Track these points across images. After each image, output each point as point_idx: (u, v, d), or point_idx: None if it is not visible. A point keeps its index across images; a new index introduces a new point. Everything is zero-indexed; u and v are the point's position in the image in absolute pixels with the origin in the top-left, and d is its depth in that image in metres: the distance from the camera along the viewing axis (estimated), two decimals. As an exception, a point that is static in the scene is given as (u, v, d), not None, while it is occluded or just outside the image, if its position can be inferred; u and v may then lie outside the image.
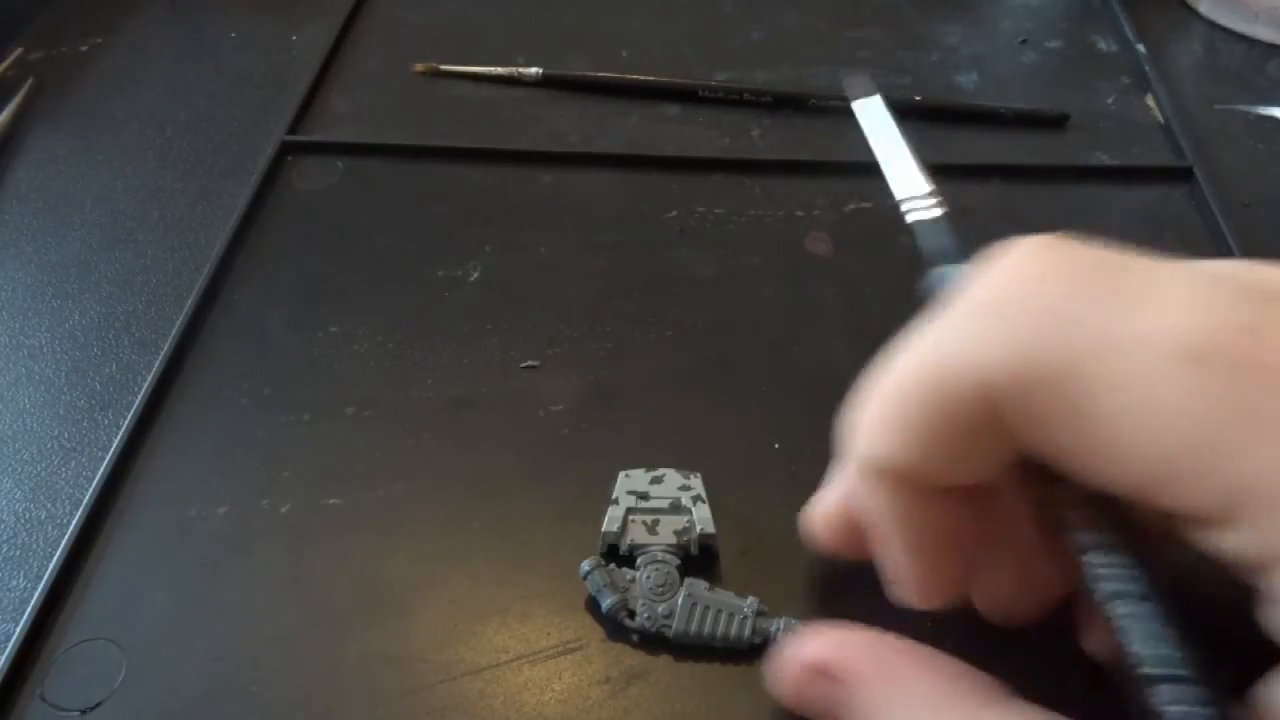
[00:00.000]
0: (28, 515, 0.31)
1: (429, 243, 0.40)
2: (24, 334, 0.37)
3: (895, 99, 0.47)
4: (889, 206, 0.27)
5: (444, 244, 0.40)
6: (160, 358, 0.35)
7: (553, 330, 0.36)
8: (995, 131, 0.46)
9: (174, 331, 0.36)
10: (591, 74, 0.48)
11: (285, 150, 0.44)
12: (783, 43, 0.51)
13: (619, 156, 0.44)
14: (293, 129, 0.45)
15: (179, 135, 0.46)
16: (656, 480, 0.29)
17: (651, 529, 0.28)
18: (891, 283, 0.37)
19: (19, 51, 0.49)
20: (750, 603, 0.27)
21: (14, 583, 0.29)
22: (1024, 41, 0.52)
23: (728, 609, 0.26)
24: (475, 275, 0.38)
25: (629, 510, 0.28)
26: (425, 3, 0.54)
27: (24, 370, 0.35)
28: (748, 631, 0.26)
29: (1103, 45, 0.52)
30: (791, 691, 0.23)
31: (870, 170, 0.28)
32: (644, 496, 0.29)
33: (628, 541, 0.28)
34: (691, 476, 0.29)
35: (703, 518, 0.28)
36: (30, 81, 0.47)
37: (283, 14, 0.53)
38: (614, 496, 0.29)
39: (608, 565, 0.27)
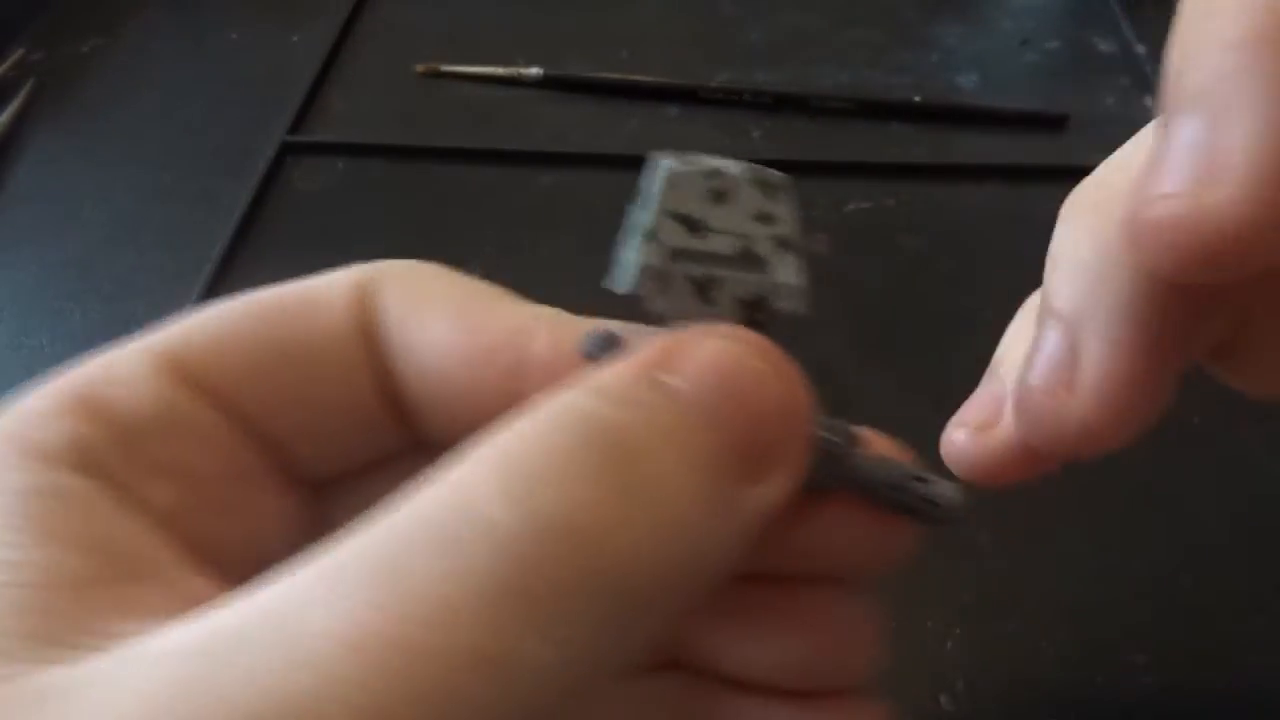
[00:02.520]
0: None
1: (429, 243, 0.40)
2: (24, 334, 0.37)
3: (896, 99, 0.47)
4: (889, 207, 0.27)
5: (444, 244, 0.40)
6: (160, 358, 0.35)
7: (553, 330, 0.36)
8: (995, 132, 0.46)
9: (174, 331, 0.36)
10: (591, 74, 0.48)
11: (285, 150, 0.44)
12: (783, 43, 0.51)
13: (619, 157, 0.44)
14: (293, 129, 0.45)
15: (179, 135, 0.46)
16: (718, 195, 0.16)
17: (703, 292, 0.16)
18: (892, 283, 0.37)
19: (20, 52, 0.49)
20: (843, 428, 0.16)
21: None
22: (1024, 42, 0.52)
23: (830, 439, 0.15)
24: (475, 275, 0.38)
25: (673, 253, 0.16)
26: (425, 3, 0.54)
27: (24, 370, 0.35)
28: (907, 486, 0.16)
29: (1103, 45, 0.52)
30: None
31: (870, 170, 0.29)
32: (697, 227, 0.16)
33: (661, 311, 0.16)
34: (778, 196, 0.16)
35: (787, 278, 0.16)
36: (31, 82, 0.47)
37: (283, 14, 0.53)
38: (648, 220, 0.16)
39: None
